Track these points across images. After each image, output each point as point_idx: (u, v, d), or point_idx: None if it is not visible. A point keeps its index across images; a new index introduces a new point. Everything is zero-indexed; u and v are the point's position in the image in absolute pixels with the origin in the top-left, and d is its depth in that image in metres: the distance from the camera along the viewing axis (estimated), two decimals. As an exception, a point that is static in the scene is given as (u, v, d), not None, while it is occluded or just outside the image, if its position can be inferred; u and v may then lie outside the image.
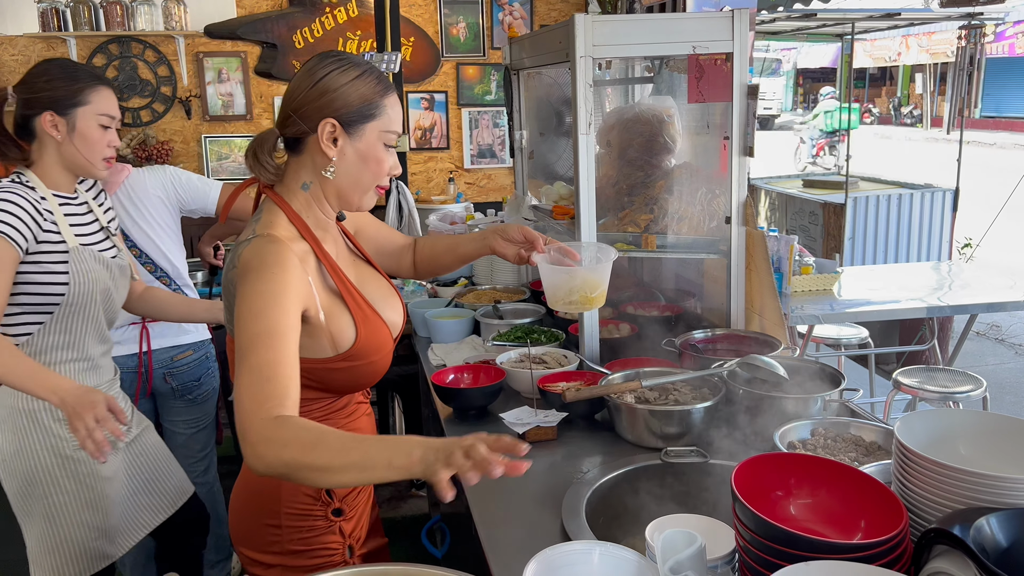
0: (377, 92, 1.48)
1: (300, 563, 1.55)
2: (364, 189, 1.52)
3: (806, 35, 7.85)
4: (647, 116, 2.69)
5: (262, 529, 1.56)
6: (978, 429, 1.26)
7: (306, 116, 1.46)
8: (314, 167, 1.50)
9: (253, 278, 1.35)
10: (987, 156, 17.30)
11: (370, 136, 1.48)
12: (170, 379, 2.73)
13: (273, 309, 1.32)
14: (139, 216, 2.62)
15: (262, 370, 1.26)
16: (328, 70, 1.46)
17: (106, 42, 5.34)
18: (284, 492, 1.53)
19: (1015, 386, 5.53)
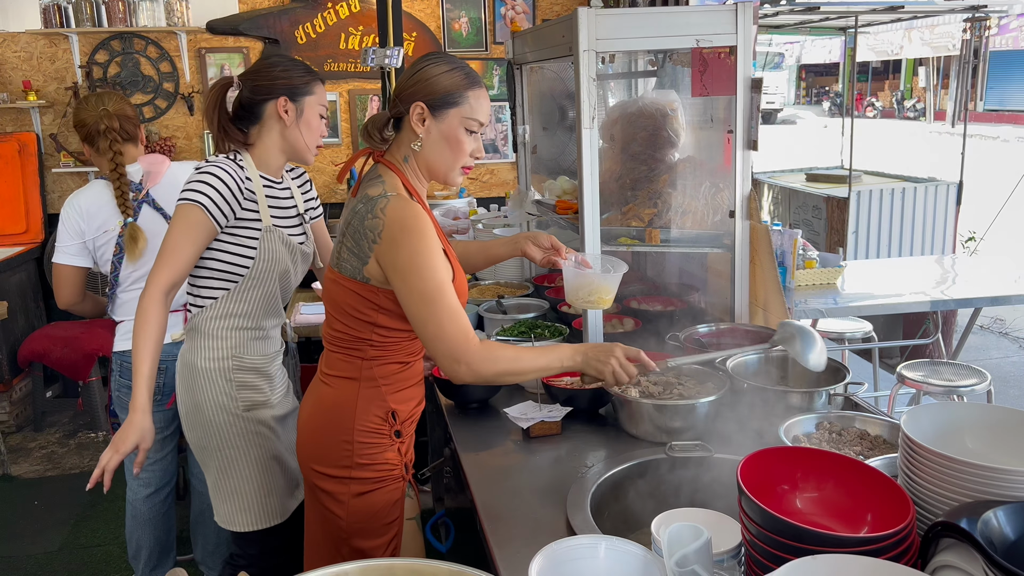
0: (462, 85, 1.76)
1: (366, 475, 1.82)
2: (449, 165, 1.80)
3: (809, 29, 7.82)
4: (651, 110, 2.68)
5: (336, 445, 1.82)
6: (985, 422, 1.25)
7: (404, 99, 1.77)
8: (409, 143, 1.79)
9: (418, 238, 1.67)
10: (991, 149, 17.25)
11: (452, 120, 1.76)
12: None
13: (441, 264, 1.68)
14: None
15: (455, 310, 1.66)
16: (426, 63, 1.77)
17: (108, 38, 5.34)
18: (358, 413, 1.81)
19: (1019, 379, 5.52)
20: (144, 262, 2.65)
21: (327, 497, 1.85)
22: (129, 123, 2.73)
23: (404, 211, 1.68)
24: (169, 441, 2.85)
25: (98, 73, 5.36)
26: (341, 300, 1.78)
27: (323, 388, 1.86)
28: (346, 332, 1.80)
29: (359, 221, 1.72)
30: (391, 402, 1.83)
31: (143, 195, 2.70)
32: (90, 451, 4.46)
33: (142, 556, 2.91)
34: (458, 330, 1.65)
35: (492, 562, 1.53)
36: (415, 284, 1.65)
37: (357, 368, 1.81)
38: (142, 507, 2.87)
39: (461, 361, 1.64)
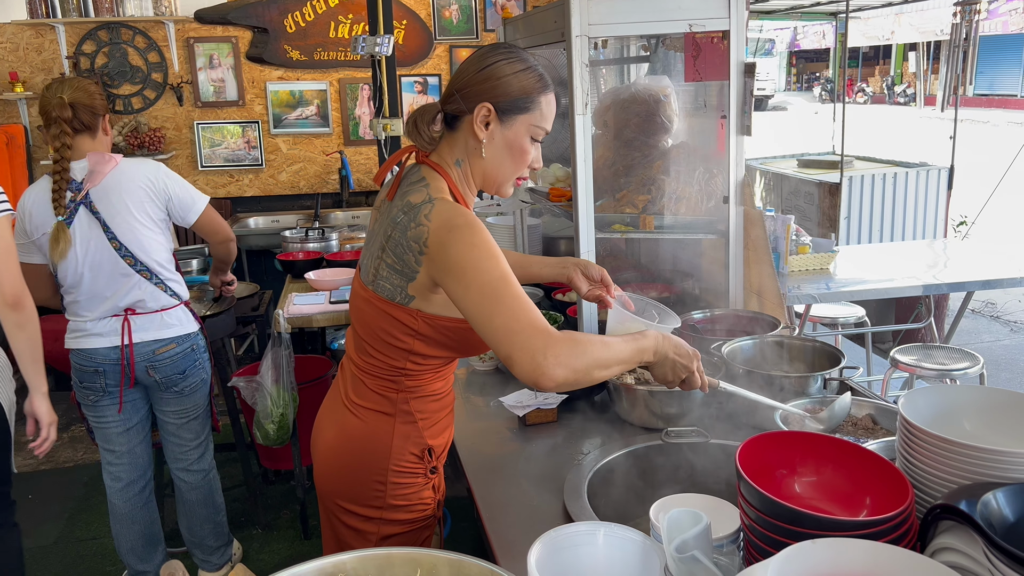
0: (536, 88, 1.57)
1: (399, 516, 1.67)
2: (507, 176, 1.63)
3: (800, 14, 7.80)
4: (643, 96, 2.67)
5: (367, 485, 1.66)
6: (982, 405, 1.26)
7: (467, 97, 1.56)
8: (466, 146, 1.60)
9: (470, 231, 1.46)
10: (981, 134, 17.28)
11: (520, 127, 1.58)
12: (152, 372, 2.72)
13: (500, 255, 1.47)
14: (122, 208, 2.59)
15: (525, 301, 1.42)
16: (497, 59, 1.56)
17: (95, 28, 5.29)
18: (394, 452, 1.64)
19: (1011, 363, 5.54)
20: (75, 267, 2.58)
21: (351, 533, 1.71)
22: (87, 113, 2.56)
23: (455, 209, 1.50)
24: (134, 435, 2.83)
25: (85, 64, 5.32)
26: (374, 324, 1.60)
27: (351, 419, 1.67)
28: (381, 360, 1.62)
29: (401, 233, 1.52)
30: (427, 438, 1.67)
31: (81, 196, 2.56)
32: (84, 444, 4.44)
33: (124, 549, 2.90)
34: (535, 319, 1.41)
35: (490, 550, 1.53)
36: (473, 279, 1.43)
37: (392, 402, 1.64)
38: (117, 501, 2.86)
39: (548, 354, 1.36)
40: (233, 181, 5.66)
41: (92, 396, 2.73)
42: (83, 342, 2.66)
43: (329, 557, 1.20)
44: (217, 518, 3.04)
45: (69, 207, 2.55)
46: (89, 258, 2.58)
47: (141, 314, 2.68)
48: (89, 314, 2.64)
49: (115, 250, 2.59)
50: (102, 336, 2.65)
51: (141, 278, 2.64)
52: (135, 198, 2.61)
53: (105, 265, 2.60)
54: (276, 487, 3.89)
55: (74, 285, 2.62)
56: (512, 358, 1.38)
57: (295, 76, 5.61)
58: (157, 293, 2.69)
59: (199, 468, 2.95)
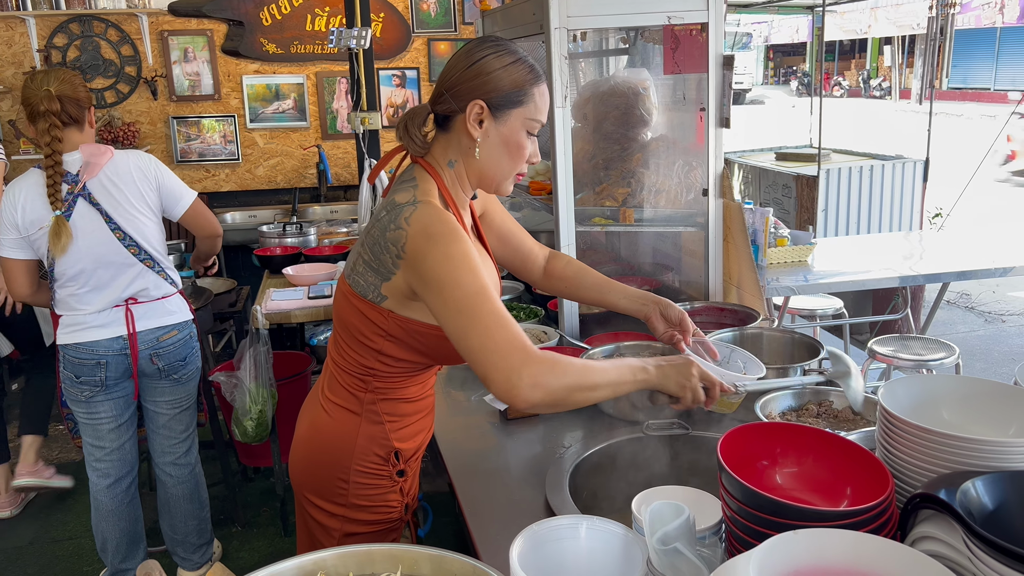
0: (528, 80, 1.52)
1: (362, 517, 1.64)
2: (504, 174, 1.58)
3: (777, 8, 7.85)
4: (622, 89, 2.67)
5: (330, 481, 1.63)
6: (960, 394, 1.26)
7: (458, 95, 1.51)
8: (460, 146, 1.56)
9: (447, 242, 1.40)
10: (956, 127, 17.48)
11: (515, 122, 1.53)
12: (156, 359, 2.72)
13: (478, 267, 1.40)
14: (122, 198, 2.59)
15: (503, 317, 1.37)
16: (485, 53, 1.51)
17: (66, 21, 5.21)
18: (357, 451, 1.61)
19: (985, 353, 5.61)
20: (76, 260, 2.56)
21: (316, 526, 1.70)
22: (73, 105, 2.55)
23: (439, 215, 1.44)
24: (124, 431, 2.81)
25: (57, 57, 5.23)
26: (348, 320, 1.57)
27: (322, 414, 1.65)
28: (352, 358, 1.59)
29: (380, 232, 1.48)
30: (395, 440, 1.63)
31: (79, 188, 2.54)
32: (59, 443, 4.38)
33: (109, 548, 2.87)
34: (512, 337, 1.35)
35: (472, 545, 1.52)
36: (450, 293, 1.38)
37: (360, 401, 1.60)
38: (103, 498, 2.83)
39: (524, 373, 1.32)
40: (209, 176, 5.60)
41: (88, 391, 2.69)
42: (83, 335, 2.63)
43: (309, 555, 1.19)
44: (201, 514, 3.02)
45: (66, 200, 2.53)
46: (92, 250, 2.56)
47: (144, 303, 2.67)
48: (90, 307, 2.62)
49: (119, 240, 2.58)
50: (104, 327, 2.63)
51: (144, 267, 2.65)
52: (133, 188, 2.61)
53: (109, 255, 2.59)
54: (255, 484, 3.86)
55: (74, 278, 2.59)
56: (488, 377, 1.35)
57: (271, 70, 5.56)
58: (159, 281, 2.70)
59: (186, 462, 2.94)
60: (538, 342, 2.36)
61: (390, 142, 5.82)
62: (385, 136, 5.76)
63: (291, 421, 3.16)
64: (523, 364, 1.32)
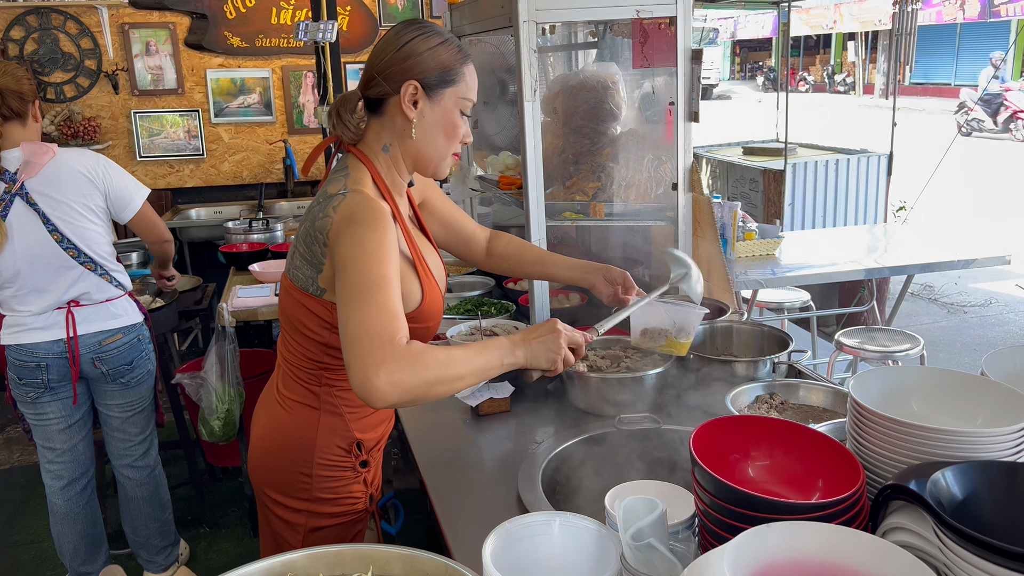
0: (457, 60, 1.54)
1: (326, 510, 1.64)
2: (441, 154, 1.59)
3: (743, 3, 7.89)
4: (592, 83, 2.66)
5: (292, 476, 1.62)
6: (929, 385, 1.27)
7: (389, 78, 1.52)
8: (394, 129, 1.56)
9: (364, 229, 1.40)
10: (918, 122, 17.76)
11: (448, 101, 1.54)
12: (99, 364, 2.64)
13: (388, 257, 1.39)
14: (62, 199, 2.51)
15: (388, 308, 1.34)
16: (413, 35, 1.52)
17: (23, 13, 5.08)
18: (318, 445, 1.60)
19: (948, 344, 5.71)
20: (12, 262, 2.49)
21: (281, 524, 1.67)
22: (15, 99, 2.46)
23: (364, 204, 1.44)
24: (76, 432, 2.75)
25: (14, 50, 5.10)
26: (292, 314, 1.57)
27: (279, 410, 1.64)
28: (300, 353, 1.59)
29: (311, 223, 1.49)
30: (355, 431, 1.63)
31: (16, 187, 2.46)
32: (19, 445, 4.29)
33: (67, 551, 2.81)
34: (385, 329, 1.31)
35: (444, 543, 1.51)
36: (348, 277, 1.37)
37: (316, 395, 1.60)
38: (58, 501, 2.77)
39: (381, 370, 1.27)
40: (173, 172, 5.51)
41: (32, 393, 2.63)
42: (23, 337, 2.56)
43: (278, 556, 1.16)
44: (163, 516, 2.96)
45: (3, 199, 2.45)
46: (28, 251, 2.49)
47: (86, 305, 2.60)
48: (30, 308, 2.55)
49: (56, 242, 2.50)
50: (44, 330, 2.56)
51: (85, 270, 2.57)
52: (76, 189, 2.52)
53: (46, 258, 2.51)
54: (223, 484, 3.81)
55: (11, 280, 2.51)
56: (348, 366, 1.29)
57: (236, 63, 5.47)
58: (102, 284, 2.62)
59: (144, 464, 2.88)
60: (509, 337, 2.34)
61: (358, 137, 5.77)
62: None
63: (259, 420, 3.07)
64: (384, 360, 1.28)
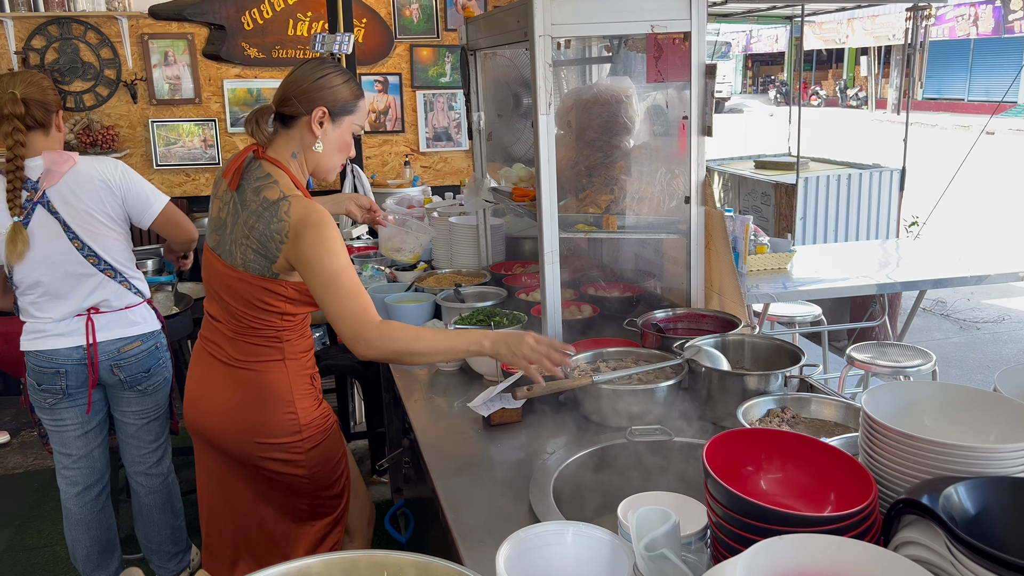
0: (356, 95, 2.01)
1: (314, 431, 2.05)
2: (335, 164, 2.04)
3: (756, 18, 7.91)
4: (606, 96, 2.68)
5: (281, 416, 2.01)
6: (941, 401, 1.28)
7: (304, 102, 1.94)
8: (302, 141, 1.98)
9: (319, 230, 1.83)
10: (930, 137, 17.72)
11: (345, 126, 2.00)
12: (118, 371, 2.66)
13: (342, 248, 1.86)
14: (82, 208, 2.53)
15: (355, 290, 1.83)
16: (327, 72, 1.97)
17: (45, 23, 5.16)
18: (293, 383, 2.02)
19: (960, 360, 5.69)
20: (33, 269, 2.51)
21: (283, 464, 2.03)
22: (40, 109, 2.49)
23: (305, 209, 1.86)
24: (92, 438, 2.77)
25: (35, 59, 5.18)
26: (249, 295, 1.94)
27: (244, 373, 2.00)
28: (258, 321, 1.97)
29: (264, 225, 1.88)
30: (309, 367, 2.10)
31: (38, 196, 2.49)
32: (34, 450, 4.33)
33: (80, 557, 2.83)
34: (358, 309, 1.82)
35: (456, 552, 1.52)
36: (317, 270, 1.83)
37: (280, 350, 2.01)
38: (73, 507, 2.80)
39: (360, 338, 1.80)
40: (189, 180, 5.56)
41: (50, 399, 2.65)
42: (43, 343, 2.59)
43: (294, 562, 1.18)
44: (175, 523, 2.98)
45: (25, 208, 2.47)
46: (50, 259, 2.52)
47: (106, 312, 2.62)
48: (50, 314, 2.58)
49: (77, 250, 2.53)
50: (64, 336, 2.58)
51: (105, 277, 2.59)
52: (95, 197, 2.55)
53: (67, 265, 2.53)
54: (235, 491, 3.82)
55: (32, 287, 2.54)
56: (340, 333, 1.84)
57: (253, 74, 5.53)
58: (121, 291, 2.64)
59: (158, 472, 2.90)
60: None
61: (372, 147, 5.82)
62: (367, 141, 5.76)
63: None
64: (363, 330, 1.80)
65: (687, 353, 2.06)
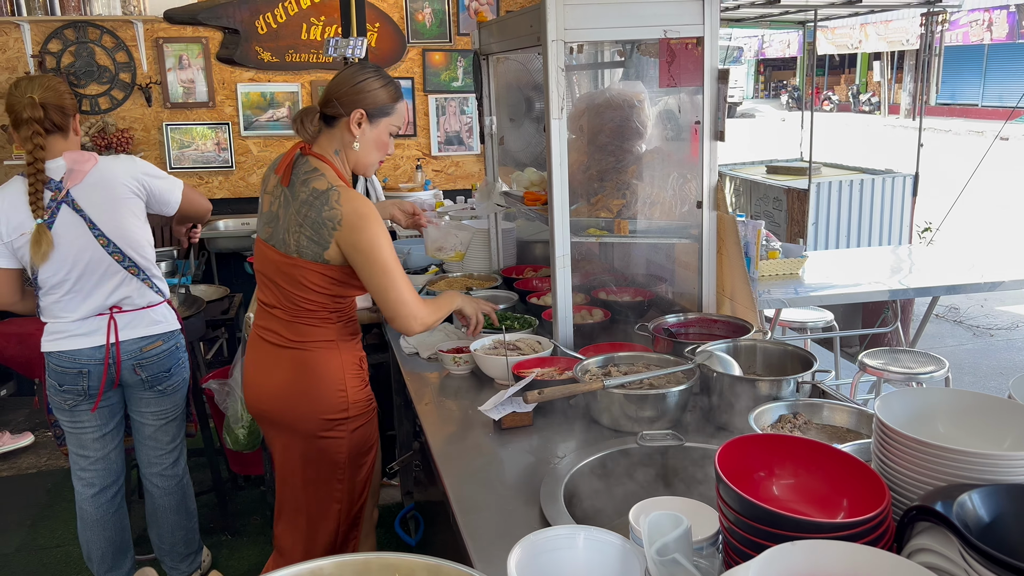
0: (394, 98, 2.18)
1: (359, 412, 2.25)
2: (372, 162, 2.23)
3: (768, 23, 7.89)
4: (618, 101, 2.68)
5: (332, 394, 2.20)
6: (955, 407, 1.27)
7: (343, 103, 2.12)
8: (342, 140, 2.17)
9: (374, 221, 2.06)
10: (944, 142, 17.62)
11: (382, 127, 2.17)
12: (140, 370, 2.68)
13: (391, 242, 2.09)
14: (107, 204, 2.56)
15: (405, 279, 2.11)
16: (367, 76, 2.13)
17: (61, 27, 5.20)
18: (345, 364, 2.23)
19: (973, 367, 5.65)
20: (58, 268, 2.53)
21: (329, 442, 2.23)
22: (58, 113, 2.52)
23: (356, 200, 2.05)
24: (109, 440, 2.79)
25: (51, 63, 5.22)
26: (302, 278, 2.13)
27: (300, 353, 2.19)
28: (312, 303, 2.16)
29: (316, 213, 2.06)
30: (359, 351, 2.30)
31: (63, 195, 2.51)
32: (47, 450, 4.35)
33: (94, 557, 2.85)
34: (413, 295, 2.12)
35: (466, 555, 1.52)
36: (377, 260, 2.06)
37: (333, 331, 2.21)
38: (88, 508, 2.81)
39: (417, 318, 2.13)
40: (203, 183, 5.59)
41: (71, 400, 2.67)
42: (65, 343, 2.61)
43: (306, 563, 1.18)
44: (189, 525, 3.00)
45: (49, 207, 2.50)
46: (75, 257, 2.54)
47: (128, 311, 2.64)
48: (73, 314, 2.59)
49: (103, 247, 2.55)
50: (86, 336, 2.60)
51: (129, 274, 2.62)
52: (118, 194, 2.58)
53: (92, 263, 2.56)
54: (246, 493, 3.85)
55: (58, 286, 2.57)
56: (395, 320, 2.13)
57: (266, 78, 5.56)
58: (144, 289, 2.66)
59: (173, 473, 2.91)
60: (532, 352, 2.36)
61: (384, 151, 5.82)
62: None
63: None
64: (416, 311, 2.13)
65: (698, 358, 2.06)
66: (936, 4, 5.98)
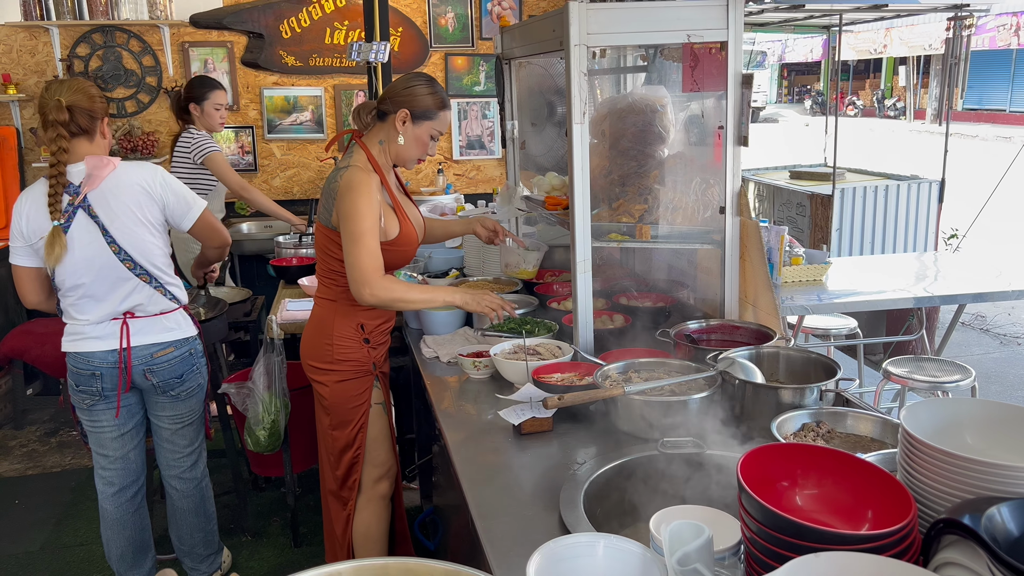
0: (439, 105, 2.45)
1: (343, 368, 2.52)
2: (411, 158, 2.51)
3: (792, 27, 7.84)
4: (640, 106, 2.67)
5: (320, 346, 2.53)
6: (984, 418, 1.25)
7: (393, 102, 2.43)
8: (387, 133, 2.47)
9: (356, 193, 2.32)
10: (970, 148, 17.40)
11: (424, 128, 2.45)
12: (150, 376, 2.69)
13: (371, 215, 2.33)
14: (120, 211, 2.56)
15: (372, 250, 2.32)
16: (417, 82, 2.44)
17: (89, 31, 5.27)
18: (335, 324, 2.52)
19: (1000, 376, 5.56)
20: (72, 271, 2.55)
21: (318, 384, 2.56)
22: (84, 116, 2.53)
23: (358, 175, 2.34)
24: (128, 440, 2.80)
25: (79, 66, 5.29)
26: (322, 244, 2.49)
27: (315, 307, 2.60)
28: (327, 268, 2.50)
29: (328, 184, 2.43)
30: (360, 317, 2.52)
31: (80, 199, 2.52)
32: (71, 449, 4.40)
33: (114, 556, 2.87)
34: (371, 264, 2.31)
35: (485, 560, 1.51)
36: (347, 227, 2.32)
37: (335, 292, 2.50)
38: (109, 507, 2.83)
39: (367, 285, 2.30)
40: (226, 186, 5.63)
41: (88, 400, 2.70)
42: (81, 345, 2.64)
43: (325, 567, 1.18)
44: (208, 527, 3.01)
45: (67, 211, 2.52)
46: (88, 262, 2.56)
47: (140, 317, 2.66)
48: (87, 317, 2.62)
49: (114, 254, 2.56)
50: (100, 339, 2.62)
51: (140, 281, 2.62)
52: (133, 201, 2.58)
53: (104, 269, 2.57)
54: (266, 494, 3.86)
55: (72, 289, 2.59)
56: (351, 285, 2.34)
57: (290, 82, 5.60)
58: (156, 296, 2.67)
59: (191, 476, 2.93)
60: (552, 357, 2.36)
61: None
62: (401, 149, 5.78)
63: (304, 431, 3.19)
64: (371, 282, 2.31)
65: (720, 365, 2.04)
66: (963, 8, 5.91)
